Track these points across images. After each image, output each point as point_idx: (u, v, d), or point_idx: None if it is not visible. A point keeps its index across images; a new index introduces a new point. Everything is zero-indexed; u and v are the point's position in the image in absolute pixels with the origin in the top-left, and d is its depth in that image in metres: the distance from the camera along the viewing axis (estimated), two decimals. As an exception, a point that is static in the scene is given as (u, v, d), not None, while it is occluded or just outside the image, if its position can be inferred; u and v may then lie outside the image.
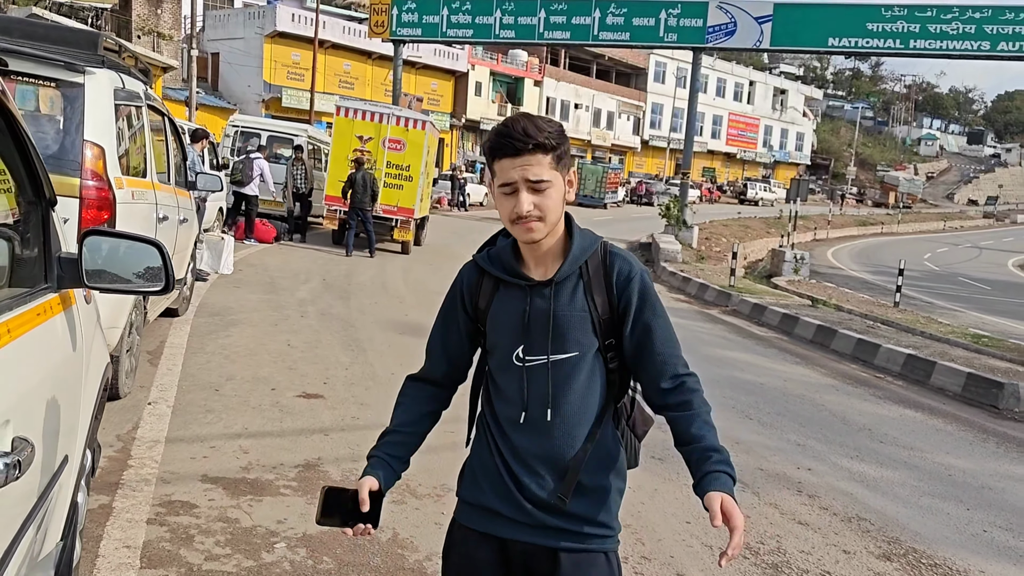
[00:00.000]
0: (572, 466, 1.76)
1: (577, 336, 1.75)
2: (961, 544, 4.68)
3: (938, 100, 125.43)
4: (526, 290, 1.77)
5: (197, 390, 5.61)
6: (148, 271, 2.40)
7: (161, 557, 3.29)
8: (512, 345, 1.79)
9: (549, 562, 1.77)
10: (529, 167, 1.66)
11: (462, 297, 1.87)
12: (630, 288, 1.76)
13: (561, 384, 1.76)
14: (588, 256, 1.77)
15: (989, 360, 10.52)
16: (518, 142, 1.65)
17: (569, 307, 1.75)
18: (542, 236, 1.72)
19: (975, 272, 32.09)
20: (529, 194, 1.67)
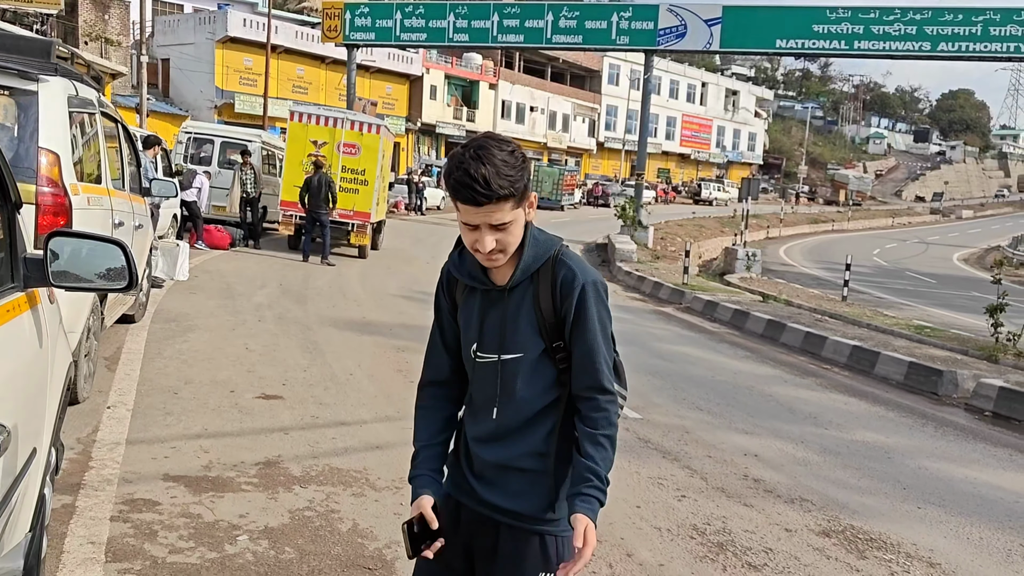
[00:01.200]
0: (514, 454, 1.91)
1: (524, 339, 1.88)
2: (896, 519, 4.93)
3: (885, 99, 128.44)
4: (484, 293, 1.91)
5: (156, 394, 5.66)
6: (110, 271, 2.51)
7: (126, 551, 3.38)
8: (469, 341, 1.94)
9: (492, 535, 1.92)
10: (492, 214, 1.74)
11: (445, 292, 2.00)
12: (570, 297, 1.85)
13: (508, 381, 1.89)
14: (540, 265, 1.88)
15: (930, 350, 10.92)
16: (480, 196, 1.71)
17: (519, 311, 1.88)
18: (502, 263, 1.84)
19: (922, 267, 32.98)
20: (491, 233, 1.77)
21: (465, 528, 1.96)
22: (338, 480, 4.48)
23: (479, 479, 1.94)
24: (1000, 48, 24.97)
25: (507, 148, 1.76)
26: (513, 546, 1.91)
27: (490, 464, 1.93)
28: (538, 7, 29.06)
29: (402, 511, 4.19)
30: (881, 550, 4.43)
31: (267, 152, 17.74)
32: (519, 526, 1.91)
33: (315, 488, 4.32)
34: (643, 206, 27.71)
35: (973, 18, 25.01)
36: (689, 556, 4.05)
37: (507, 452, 1.91)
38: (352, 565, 3.52)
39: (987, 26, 24.85)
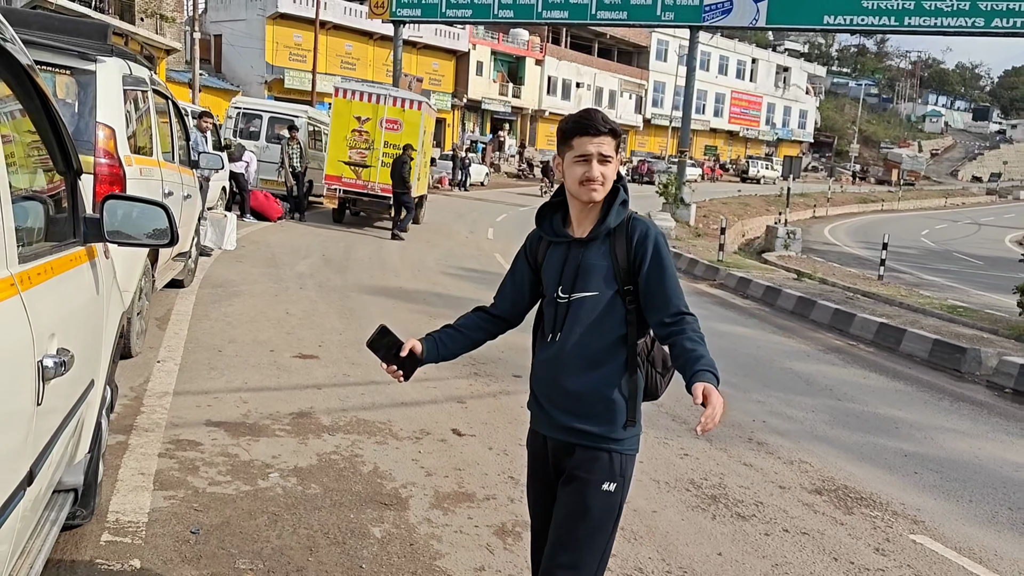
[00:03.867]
0: (587, 382, 2.27)
1: (597, 281, 2.27)
2: (891, 483, 5.19)
3: (944, 76, 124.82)
4: (567, 245, 2.34)
5: (202, 351, 6.13)
6: (156, 231, 2.90)
7: (171, 482, 3.82)
8: (553, 286, 2.33)
9: (568, 455, 2.30)
10: (603, 145, 2.23)
11: (526, 255, 2.46)
12: (645, 245, 2.26)
13: (581, 317, 2.27)
14: (616, 224, 2.29)
15: (958, 328, 11.00)
16: (599, 125, 2.22)
17: (595, 259, 2.28)
18: (601, 197, 2.27)
19: (971, 248, 32.41)
20: (599, 165, 2.23)
21: (552, 455, 2.36)
22: (363, 430, 4.89)
23: (559, 408, 2.30)
24: (1057, 24, 24.32)
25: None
26: (587, 462, 2.27)
27: (567, 392, 2.28)
28: (583, -17, 29.04)
29: (419, 458, 4.59)
30: (868, 508, 4.70)
31: (313, 128, 18.23)
32: (590, 445, 2.27)
33: (342, 436, 4.73)
34: (687, 183, 27.67)
35: (1029, -7, 24.40)
36: (682, 506, 4.37)
37: (581, 381, 2.26)
38: (371, 501, 3.92)
39: (1045, 1, 24.21)
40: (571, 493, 2.27)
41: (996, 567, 4.09)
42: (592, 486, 2.24)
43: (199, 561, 3.16)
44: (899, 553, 4.12)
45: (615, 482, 2.26)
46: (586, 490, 2.25)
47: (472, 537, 3.69)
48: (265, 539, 3.40)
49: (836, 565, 3.91)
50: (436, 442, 4.88)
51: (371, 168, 15.80)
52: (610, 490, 2.26)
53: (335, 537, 3.50)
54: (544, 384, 2.35)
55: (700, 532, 4.05)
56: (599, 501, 2.24)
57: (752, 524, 4.27)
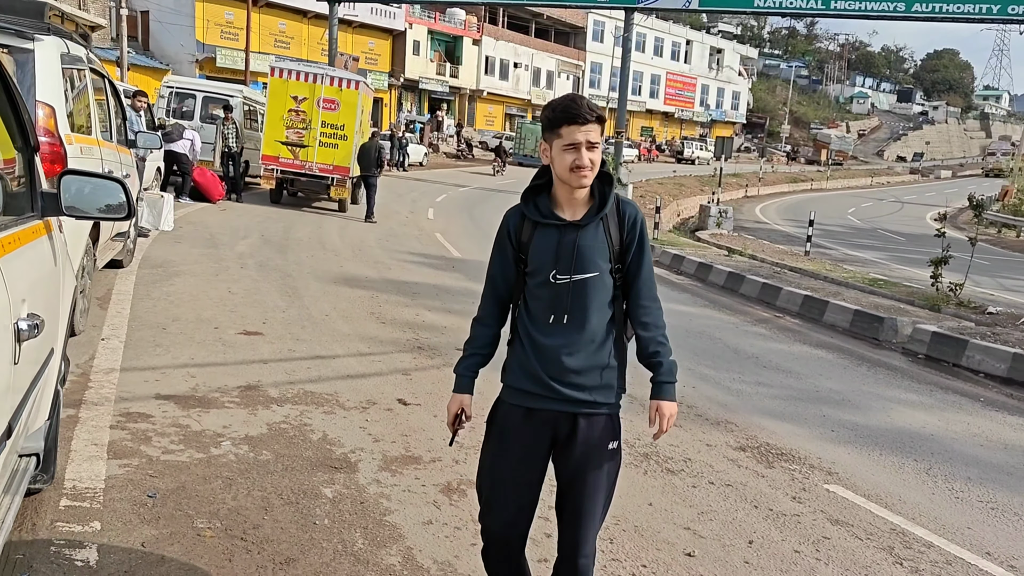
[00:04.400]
0: (589, 356, 2.41)
1: (597, 261, 2.39)
2: (810, 439, 5.57)
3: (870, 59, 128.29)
4: (560, 228, 2.41)
5: (146, 329, 6.18)
6: (110, 206, 3.01)
7: (124, 451, 3.93)
8: (546, 268, 2.39)
9: (570, 423, 2.44)
10: (590, 132, 2.32)
11: (508, 235, 2.49)
12: (635, 228, 2.43)
13: (581, 297, 2.39)
14: (608, 208, 2.42)
15: (877, 300, 11.58)
16: (586, 113, 2.31)
17: (592, 240, 2.39)
18: (589, 183, 2.37)
19: (894, 225, 33.63)
20: (587, 151, 2.32)
21: (543, 426, 2.46)
22: (311, 401, 5.05)
23: (565, 384, 2.40)
24: (972, 9, 25.28)
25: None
26: (592, 428, 2.43)
27: (571, 368, 2.40)
28: (519, -37, 29.12)
29: (367, 426, 4.77)
30: (788, 461, 5.06)
31: (249, 107, 18.04)
32: (595, 412, 2.44)
33: (290, 407, 4.89)
34: (624, 164, 28.13)
35: (948, -21, 25.33)
36: (616, 464, 4.65)
37: (585, 356, 2.39)
38: (321, 465, 4.10)
39: (961, -13, 25.17)
40: (582, 460, 2.44)
41: (899, 510, 4.47)
42: (601, 448, 2.45)
43: (158, 522, 3.31)
44: (813, 500, 4.47)
45: (617, 439, 2.49)
46: (598, 454, 2.44)
47: (419, 495, 3.91)
48: (221, 501, 3.56)
49: (756, 512, 4.23)
50: (383, 411, 5.07)
51: (308, 148, 15.74)
52: (615, 447, 2.49)
53: (288, 498, 3.68)
54: (549, 363, 2.41)
55: (632, 485, 4.34)
56: (609, 459, 2.47)
57: (680, 478, 4.58)
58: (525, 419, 2.46)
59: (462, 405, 2.54)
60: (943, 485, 4.97)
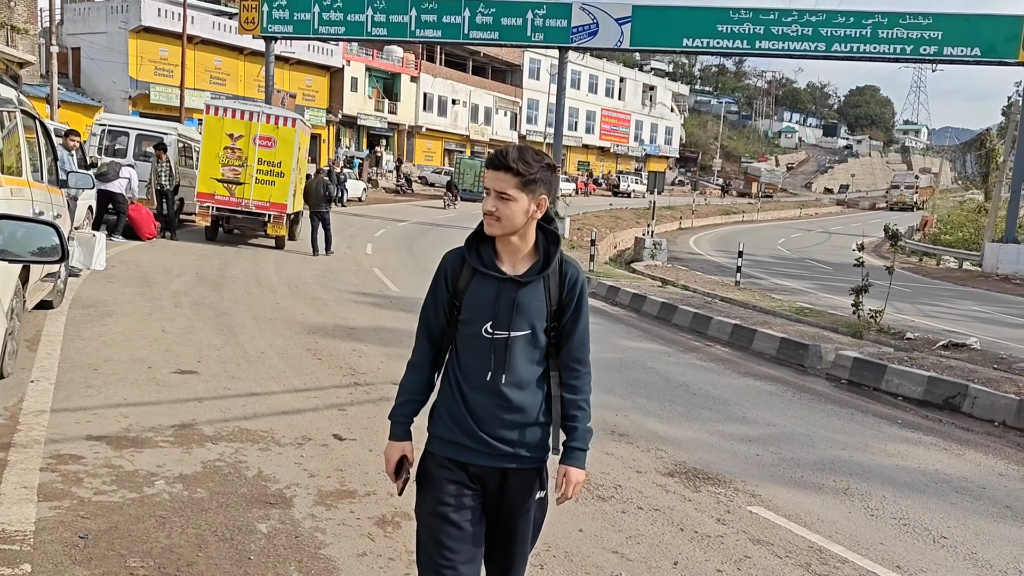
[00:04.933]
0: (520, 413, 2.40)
1: (532, 319, 2.36)
2: (735, 464, 5.78)
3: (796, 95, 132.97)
4: (499, 281, 2.36)
5: (77, 370, 6.12)
6: (43, 249, 3.07)
7: (55, 493, 3.92)
8: (482, 320, 2.36)
9: (500, 477, 2.43)
10: (498, 180, 2.29)
11: (445, 279, 2.44)
12: (575, 290, 2.42)
13: (515, 353, 2.37)
14: (552, 268, 2.40)
15: (804, 328, 12.00)
16: (496, 161, 2.31)
17: (531, 298, 2.36)
18: (497, 233, 2.34)
19: (822, 255, 34.74)
20: (494, 199, 2.30)
21: (473, 479, 2.43)
22: (246, 438, 5.08)
23: (495, 437, 2.39)
24: (888, 49, 26.62)
25: (541, 154, 2.38)
26: (520, 481, 2.44)
27: (504, 424, 2.38)
28: (455, 3, 29.67)
29: (302, 461, 4.82)
30: (714, 485, 5.26)
31: (183, 144, 17.90)
32: (525, 467, 2.43)
33: (225, 444, 4.91)
34: (561, 198, 28.63)
35: (863, 21, 26.60)
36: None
37: (517, 413, 2.39)
38: (256, 501, 4.14)
39: (876, 28, 26.45)
40: (512, 512, 2.45)
41: (817, 529, 4.69)
42: (530, 499, 2.46)
43: (90, 563, 3.32)
44: (737, 522, 4.67)
45: (545, 488, 2.50)
46: (527, 504, 2.46)
47: (354, 528, 3.98)
48: (154, 540, 3.58)
49: (682, 534, 4.41)
50: (318, 447, 5.12)
51: (245, 185, 15.69)
52: (543, 496, 2.51)
53: (223, 535, 3.72)
54: (482, 418, 2.38)
55: (563, 512, 4.45)
56: (537, 508, 2.50)
57: (611, 504, 4.73)
58: (456, 472, 2.42)
59: (403, 452, 2.50)
60: (859, 504, 5.22)
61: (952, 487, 5.77)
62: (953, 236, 39.43)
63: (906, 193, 73.66)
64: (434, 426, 2.47)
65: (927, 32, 26.09)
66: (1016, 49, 24.56)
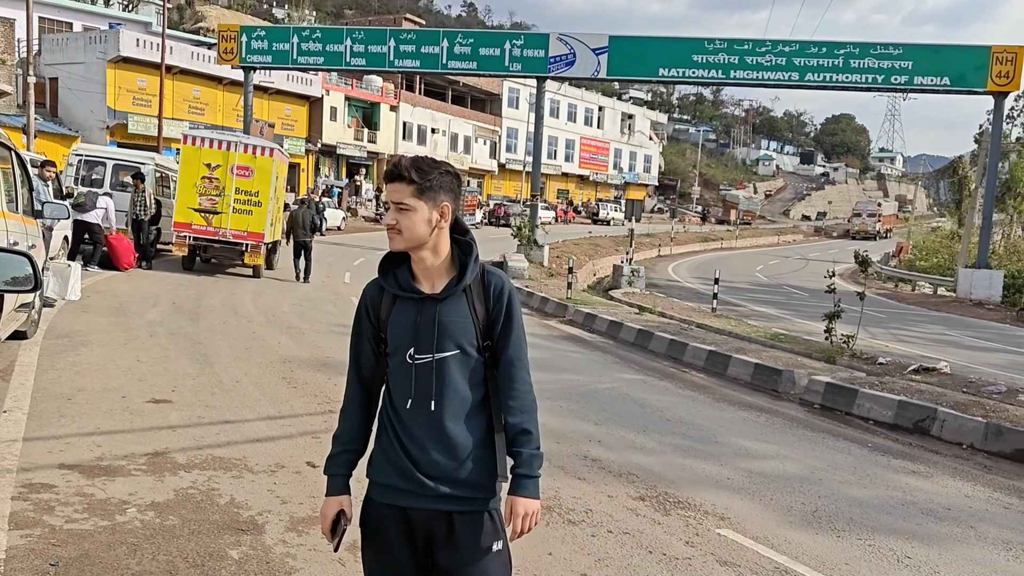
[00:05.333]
0: (458, 445, 2.18)
1: (458, 338, 2.17)
2: (705, 488, 5.85)
3: (774, 123, 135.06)
4: (418, 302, 2.19)
5: (50, 400, 6.13)
6: (16, 279, 3.12)
7: (26, 522, 3.93)
8: (404, 346, 2.18)
9: (446, 524, 2.18)
10: (395, 192, 2.15)
11: (367, 311, 2.27)
12: (501, 300, 2.22)
13: (445, 378, 2.16)
14: (472, 280, 2.21)
15: (778, 353, 12.15)
16: (391, 172, 2.16)
17: (453, 314, 2.17)
18: (400, 247, 2.17)
19: (799, 281, 35.08)
20: (394, 211, 2.15)
21: (419, 530, 2.21)
22: (219, 466, 5.10)
23: (432, 476, 2.17)
24: (860, 79, 27.18)
25: (439, 161, 2.22)
26: (470, 528, 2.19)
27: (438, 459, 2.17)
28: (433, 34, 30.08)
29: (275, 488, 4.85)
30: (684, 509, 5.33)
31: (161, 174, 17.93)
32: (472, 510, 2.19)
33: (198, 472, 4.93)
34: (540, 226, 28.81)
35: (836, 51, 27.15)
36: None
37: (453, 444, 2.17)
38: (228, 528, 4.17)
39: (848, 59, 27.01)
40: (464, 567, 2.20)
41: (784, 550, 4.77)
42: (483, 552, 2.20)
43: (60, 590, 3.34)
44: (705, 544, 4.74)
45: (501, 538, 2.24)
46: (480, 560, 2.20)
47: (325, 554, 4.01)
48: (125, 567, 3.60)
49: (651, 557, 4.47)
50: (291, 474, 5.15)
51: (222, 215, 15.73)
52: (500, 548, 2.24)
53: (194, 561, 3.74)
54: (415, 454, 2.18)
55: (533, 537, 4.49)
56: (495, 564, 2.22)
57: (581, 528, 4.79)
58: (398, 519, 2.21)
59: (340, 507, 2.28)
60: (827, 525, 5.31)
61: (919, 508, 5.87)
62: (928, 262, 40.01)
63: (868, 221, 70.58)
64: (372, 470, 2.29)
65: (898, 62, 26.66)
66: (984, 79, 25.14)
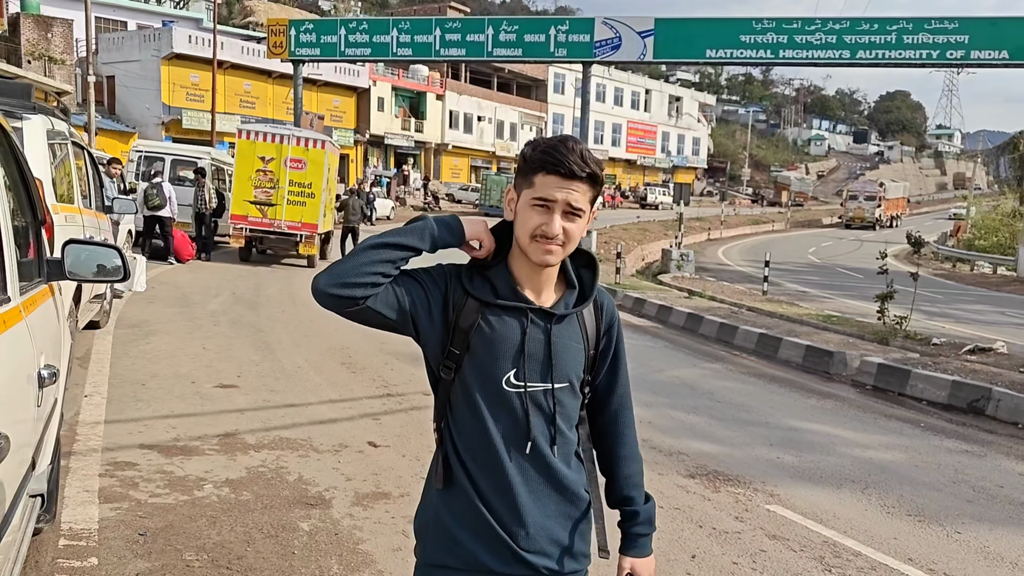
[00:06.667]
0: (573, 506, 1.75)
1: (573, 367, 1.74)
2: (755, 467, 5.97)
3: (825, 102, 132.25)
4: (525, 316, 1.71)
5: (126, 385, 6.48)
6: (107, 268, 3.39)
7: (115, 496, 4.24)
8: (499, 369, 1.69)
9: None
10: (573, 192, 1.64)
11: (445, 291, 1.73)
12: (613, 327, 1.82)
13: (552, 414, 1.71)
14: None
15: (830, 335, 12.11)
16: (575, 165, 1.63)
17: (568, 338, 1.74)
18: (557, 262, 1.69)
19: (853, 263, 34.57)
20: (562, 218, 1.65)
21: None
22: (286, 446, 5.37)
23: (533, 551, 1.71)
24: (913, 55, 26.54)
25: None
26: None
27: (535, 521, 1.71)
28: (479, 21, 30.24)
29: (339, 466, 5.10)
30: (733, 486, 5.46)
31: (216, 167, 18.46)
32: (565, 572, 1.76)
33: (267, 452, 5.21)
34: (586, 211, 28.89)
35: (888, 27, 26.60)
36: (574, 493, 5.02)
37: (554, 504, 1.74)
38: (298, 503, 4.43)
39: (900, 35, 26.45)
40: None
41: (833, 525, 4.87)
42: None
43: (150, 556, 3.62)
44: (754, 520, 4.86)
45: None
46: None
47: (390, 526, 4.24)
48: (207, 536, 3.88)
49: (700, 531, 4.61)
50: (354, 453, 5.40)
51: (277, 207, 16.15)
52: None
53: (269, 532, 4.00)
54: (503, 515, 1.69)
55: (587, 511, 4.70)
56: None
57: (633, 504, 4.94)
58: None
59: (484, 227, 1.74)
60: (876, 502, 5.39)
61: (970, 486, 5.91)
62: (987, 241, 38.99)
63: (866, 206, 56.32)
64: (430, 547, 1.76)
65: (953, 36, 26.01)
66: (1044, 51, 24.41)
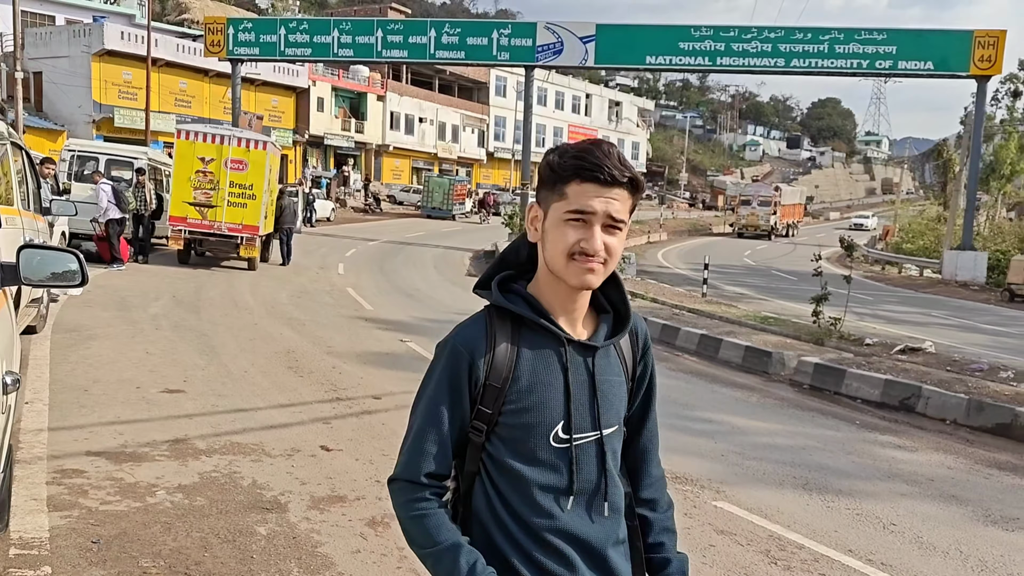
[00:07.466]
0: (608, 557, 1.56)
1: (618, 407, 1.56)
2: (701, 465, 6.13)
3: (760, 108, 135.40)
4: (564, 348, 1.51)
5: (68, 391, 6.34)
6: (62, 273, 3.33)
7: (64, 504, 4.16)
8: (550, 421, 1.49)
9: None
10: (615, 202, 1.44)
11: (469, 376, 1.49)
12: (648, 354, 1.64)
13: (604, 464, 1.53)
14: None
15: (768, 336, 12.45)
16: (615, 170, 1.44)
17: (610, 371, 1.55)
18: (599, 283, 1.49)
19: (787, 265, 35.47)
20: (602, 232, 1.45)
21: None
22: (238, 451, 5.33)
23: None
24: (845, 64, 27.47)
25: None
26: None
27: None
28: (421, 24, 30.20)
29: (293, 471, 5.08)
30: (681, 483, 5.60)
31: (152, 168, 18.05)
32: None
33: (219, 457, 5.17)
34: (527, 215, 29.07)
35: (820, 37, 27.44)
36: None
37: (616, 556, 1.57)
38: (253, 507, 4.41)
39: (833, 44, 27.30)
40: None
41: (777, 520, 5.05)
42: None
43: (105, 564, 3.57)
44: (702, 515, 5.01)
45: None
46: None
47: (347, 529, 4.26)
48: (162, 543, 3.84)
49: (652, 528, 4.73)
50: (307, 457, 5.39)
51: (217, 208, 15.88)
52: None
53: (226, 537, 3.98)
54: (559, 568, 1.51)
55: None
56: None
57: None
58: None
59: None
60: (817, 497, 5.59)
61: (903, 480, 6.17)
62: (914, 244, 40.45)
63: (760, 212, 50.75)
64: None
65: (882, 47, 26.96)
66: (967, 63, 25.47)
